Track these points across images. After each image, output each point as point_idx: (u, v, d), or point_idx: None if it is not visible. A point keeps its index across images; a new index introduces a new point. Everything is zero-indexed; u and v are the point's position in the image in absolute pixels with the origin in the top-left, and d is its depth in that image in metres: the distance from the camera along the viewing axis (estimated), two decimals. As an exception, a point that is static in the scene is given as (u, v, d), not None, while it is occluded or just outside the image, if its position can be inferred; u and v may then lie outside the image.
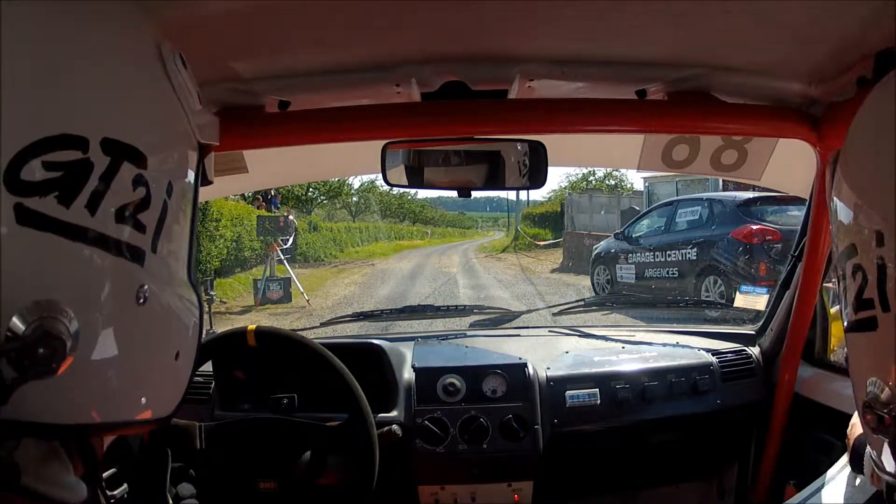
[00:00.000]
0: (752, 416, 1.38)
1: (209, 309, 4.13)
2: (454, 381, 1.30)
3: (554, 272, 11.29)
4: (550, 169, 1.05)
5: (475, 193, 1.12)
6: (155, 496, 1.01)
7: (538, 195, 29.41)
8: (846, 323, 0.54)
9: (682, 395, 1.34)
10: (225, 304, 7.73)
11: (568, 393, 1.31)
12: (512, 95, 1.00)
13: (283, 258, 8.21)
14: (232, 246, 9.17)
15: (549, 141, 1.04)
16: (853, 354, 0.54)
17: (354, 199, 23.93)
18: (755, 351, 1.44)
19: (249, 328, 1.07)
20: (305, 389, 1.15)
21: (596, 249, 8.49)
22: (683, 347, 1.46)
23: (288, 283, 7.97)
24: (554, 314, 1.79)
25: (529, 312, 2.01)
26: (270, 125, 1.01)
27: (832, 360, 1.32)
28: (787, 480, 1.29)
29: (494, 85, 0.99)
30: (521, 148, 1.06)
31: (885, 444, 0.50)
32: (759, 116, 1.01)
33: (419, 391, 1.29)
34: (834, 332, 1.33)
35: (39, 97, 0.38)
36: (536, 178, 1.06)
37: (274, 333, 1.08)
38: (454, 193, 1.10)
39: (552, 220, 19.32)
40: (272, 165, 1.37)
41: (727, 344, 1.46)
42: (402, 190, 6.62)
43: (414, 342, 1.45)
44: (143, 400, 0.46)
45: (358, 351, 1.32)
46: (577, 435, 1.31)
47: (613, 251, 7.89)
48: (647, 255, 7.29)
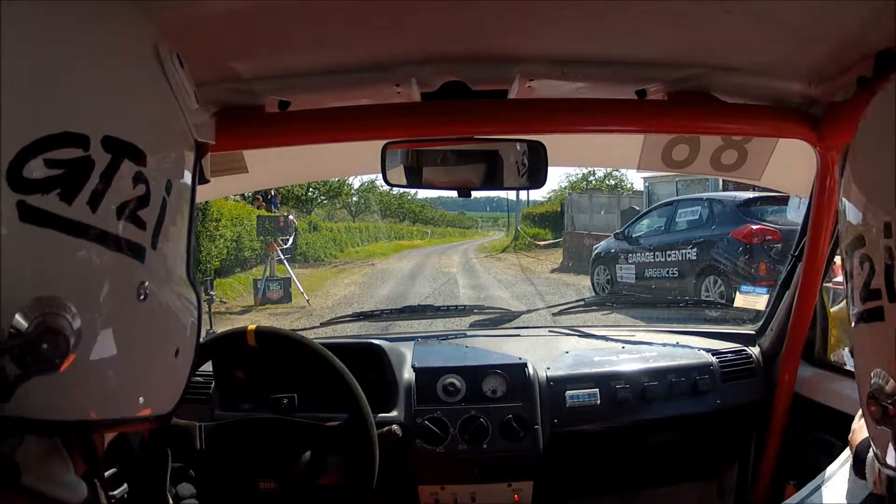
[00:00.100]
0: (752, 416, 1.38)
1: (209, 309, 4.13)
2: (454, 381, 1.30)
3: (554, 272, 11.28)
4: (550, 169, 1.06)
5: (475, 193, 1.12)
6: (155, 496, 1.01)
7: (538, 195, 29.41)
8: (853, 314, 0.54)
9: (682, 395, 1.34)
10: (225, 304, 7.73)
11: (568, 393, 1.31)
12: (512, 95, 1.00)
13: (283, 258, 8.21)
14: (232, 246, 9.17)
15: (549, 141, 1.04)
16: (859, 346, 0.54)
17: (354, 199, 23.94)
18: (755, 351, 1.43)
19: (249, 328, 1.07)
20: (305, 389, 1.15)
21: (596, 249, 8.49)
22: (683, 347, 1.46)
23: (288, 283, 7.97)
24: (554, 314, 1.79)
25: (529, 312, 2.01)
26: (270, 125, 1.01)
27: (832, 360, 1.32)
28: (787, 480, 1.29)
29: (494, 85, 0.99)
30: (520, 148, 1.06)
31: (888, 436, 0.50)
32: (759, 116, 1.01)
33: (419, 391, 1.29)
34: (834, 332, 1.33)
35: (41, 96, 0.38)
36: (536, 177, 1.06)
37: (274, 333, 1.08)
38: (454, 193, 1.10)
39: (552, 220, 19.32)
40: (272, 165, 1.37)
41: (727, 344, 1.46)
42: (401, 190, 6.62)
43: (414, 342, 1.45)
44: (143, 397, 0.46)
45: (358, 351, 1.32)
46: (577, 435, 1.31)
47: (613, 251, 7.89)
48: (647, 255, 7.29)
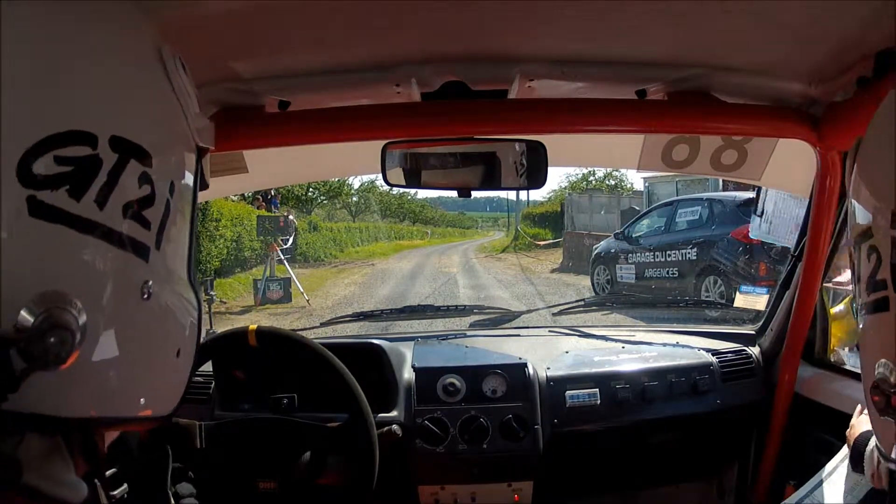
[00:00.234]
0: (752, 416, 1.38)
1: (209, 309, 4.13)
2: (454, 381, 1.30)
3: (554, 272, 11.28)
4: (550, 169, 1.06)
5: (475, 193, 1.12)
6: (155, 496, 1.01)
7: (538, 195, 29.39)
8: (859, 305, 0.54)
9: (682, 395, 1.34)
10: (225, 304, 7.73)
11: (568, 393, 1.31)
12: (512, 95, 1.00)
13: (283, 258, 8.21)
14: (232, 246, 9.17)
15: (549, 141, 1.04)
16: (864, 337, 0.54)
17: (354, 199, 23.93)
18: (755, 351, 1.43)
19: (251, 328, 1.07)
20: (305, 389, 1.15)
21: (596, 249, 8.50)
22: (683, 347, 1.46)
23: (288, 283, 7.97)
24: (554, 314, 1.79)
25: (529, 312, 2.01)
26: (270, 125, 1.01)
27: (832, 360, 1.32)
28: (787, 480, 1.29)
29: (494, 85, 0.99)
30: (520, 148, 1.06)
31: (891, 426, 0.50)
32: (759, 116, 1.01)
33: (419, 391, 1.29)
34: (834, 332, 1.33)
35: (50, 95, 0.39)
36: (536, 177, 1.06)
37: (275, 333, 1.08)
38: (454, 193, 1.10)
39: (552, 220, 19.31)
40: (272, 165, 1.37)
41: (727, 344, 1.46)
42: (401, 190, 6.61)
43: (414, 342, 1.45)
44: (145, 396, 0.46)
45: (358, 351, 1.32)
46: (577, 435, 1.31)
47: (613, 251, 7.89)
48: (647, 255, 7.30)
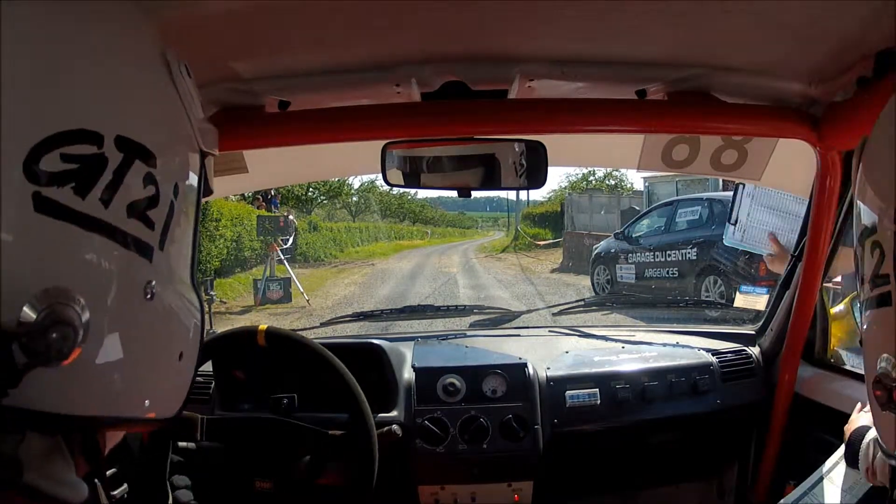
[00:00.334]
0: (752, 416, 1.38)
1: (209, 309, 4.14)
2: (454, 381, 1.30)
3: (554, 272, 11.29)
4: (550, 169, 1.06)
5: (475, 193, 1.12)
6: (155, 495, 1.01)
7: (538, 195, 29.43)
8: (863, 301, 0.54)
9: (682, 395, 1.33)
10: (225, 304, 7.73)
11: (568, 393, 1.31)
12: (512, 95, 1.00)
13: (283, 258, 8.21)
14: (232, 246, 9.17)
15: (549, 141, 1.04)
16: (867, 332, 0.55)
17: (354, 199, 23.95)
18: (755, 351, 1.43)
19: (260, 328, 1.07)
20: (305, 389, 1.15)
21: (596, 249, 8.50)
22: (683, 347, 1.45)
23: (288, 283, 7.97)
24: (554, 314, 1.78)
25: (529, 312, 2.01)
26: (270, 125, 1.01)
27: (832, 360, 1.32)
28: (787, 480, 1.29)
29: (494, 85, 0.99)
30: (520, 148, 1.06)
31: (892, 420, 0.50)
32: (759, 116, 1.01)
33: (419, 391, 1.29)
34: (834, 331, 1.33)
35: (55, 94, 0.39)
36: (536, 177, 1.06)
37: (284, 335, 1.08)
38: (454, 193, 1.10)
39: (552, 219, 19.32)
40: (272, 165, 1.37)
41: (727, 344, 1.46)
42: (401, 190, 6.61)
43: (414, 342, 1.45)
44: (147, 397, 0.46)
45: (358, 351, 1.32)
46: (577, 435, 1.31)
47: (613, 251, 7.90)
48: (647, 255, 7.30)
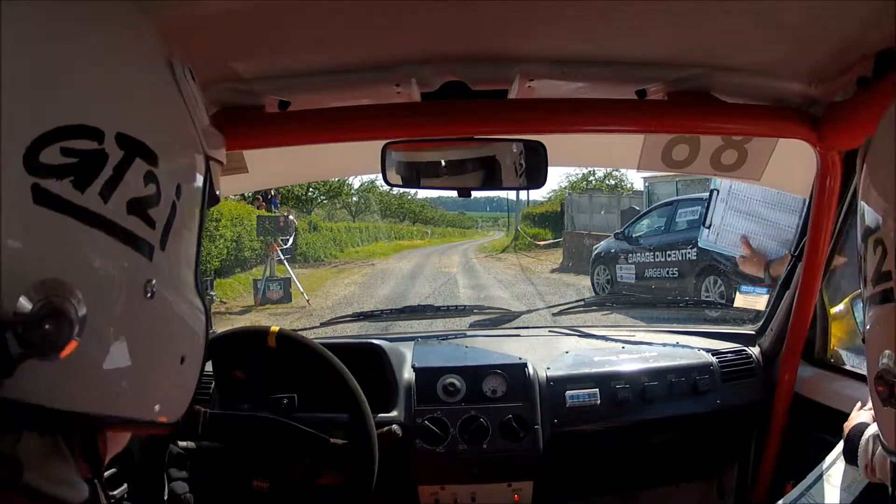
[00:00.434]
0: (752, 416, 1.38)
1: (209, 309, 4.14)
2: (454, 381, 1.30)
3: (554, 272, 11.29)
4: (550, 169, 1.06)
5: (475, 193, 1.12)
6: (154, 494, 1.01)
7: (538, 195, 29.45)
8: (865, 298, 0.54)
9: (682, 395, 1.33)
10: (225, 304, 7.73)
11: (568, 393, 1.31)
12: (512, 95, 1.00)
13: (283, 258, 8.21)
14: (232, 246, 9.17)
15: (549, 141, 1.04)
16: (869, 330, 0.55)
17: (354, 199, 23.94)
18: (755, 351, 1.43)
19: (272, 329, 1.08)
20: (305, 389, 1.15)
21: (596, 249, 8.50)
22: (683, 347, 1.46)
23: (288, 283, 7.97)
24: (554, 314, 1.78)
25: (529, 312, 2.01)
26: (270, 125, 1.01)
27: (832, 360, 1.32)
28: (786, 480, 1.29)
29: (494, 85, 0.99)
30: (520, 148, 1.05)
31: (894, 417, 0.50)
32: (759, 116, 1.01)
33: (419, 391, 1.29)
34: (834, 331, 1.33)
35: (55, 91, 0.40)
36: (536, 177, 1.06)
37: (294, 339, 1.09)
38: (454, 193, 1.10)
39: (552, 219, 19.32)
40: (272, 165, 1.37)
41: (727, 344, 1.46)
42: (401, 190, 6.61)
43: (414, 342, 1.45)
44: (147, 398, 0.46)
45: (358, 351, 1.32)
46: (577, 435, 1.31)
47: (613, 251, 7.90)
48: (647, 255, 7.30)
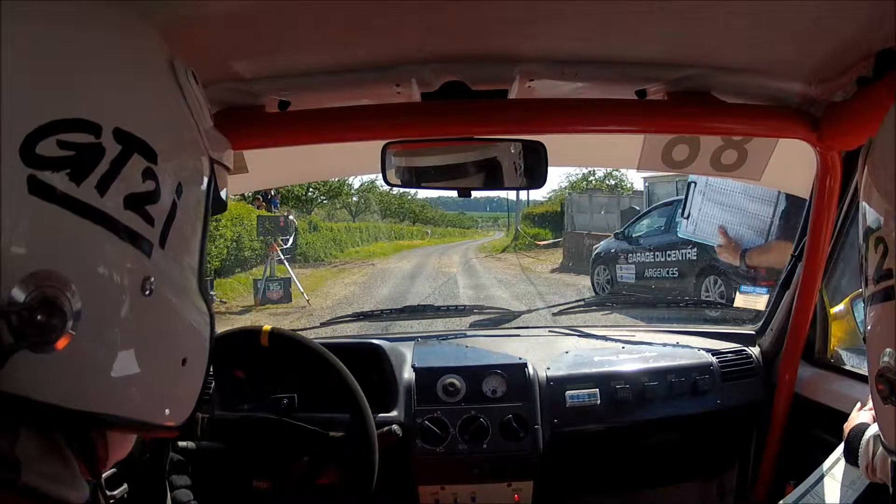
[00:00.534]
0: (752, 416, 1.38)
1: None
2: (454, 381, 1.30)
3: (554, 272, 11.30)
4: (550, 169, 1.05)
5: (475, 193, 1.12)
6: (154, 495, 1.01)
7: (538, 195, 29.52)
8: (866, 297, 0.54)
9: (681, 395, 1.33)
10: (225, 304, 7.74)
11: (568, 393, 1.31)
12: (512, 95, 1.00)
13: (283, 258, 8.21)
14: (232, 246, 9.17)
15: (549, 141, 1.04)
16: (870, 328, 0.55)
17: (354, 199, 23.97)
18: (755, 351, 1.43)
19: (265, 328, 1.07)
20: (306, 389, 1.15)
21: (596, 249, 8.50)
22: (683, 347, 1.45)
23: (288, 283, 7.97)
24: (554, 314, 1.78)
25: (529, 312, 2.01)
26: (270, 125, 1.01)
27: (832, 360, 1.32)
28: (787, 480, 1.29)
29: (494, 85, 0.99)
30: (520, 148, 1.05)
31: (895, 415, 0.50)
32: (759, 116, 1.01)
33: (419, 391, 1.29)
34: (834, 331, 1.33)
35: (54, 85, 0.40)
36: (536, 177, 1.06)
37: (287, 336, 1.08)
38: (454, 193, 1.10)
39: (552, 219, 19.34)
40: (272, 165, 1.37)
41: (727, 344, 1.46)
42: (401, 190, 6.61)
43: (414, 342, 1.45)
44: (146, 399, 0.45)
45: (358, 351, 1.32)
46: (577, 435, 1.31)
47: (613, 251, 7.90)
48: (647, 254, 7.30)
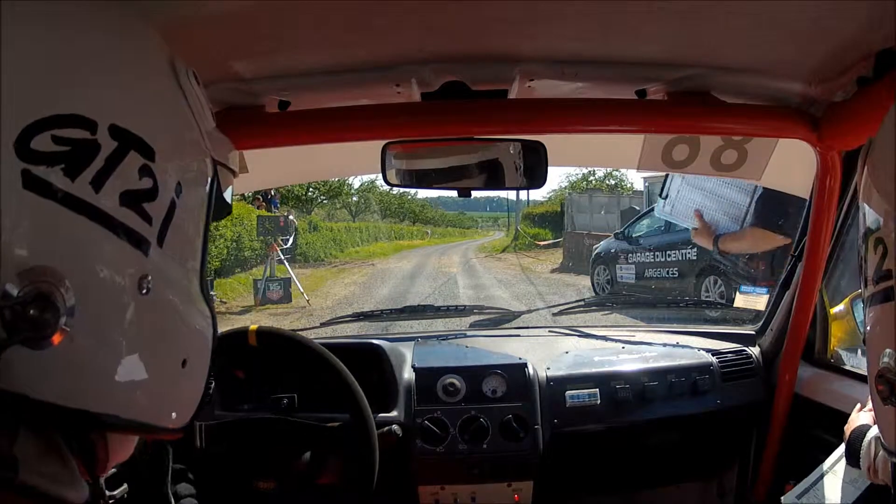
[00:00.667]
0: (752, 416, 1.38)
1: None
2: (454, 381, 1.30)
3: (554, 272, 11.30)
4: (550, 169, 1.05)
5: (475, 193, 1.12)
6: (155, 496, 1.01)
7: (538, 195, 29.54)
8: (866, 298, 0.54)
9: (681, 395, 1.34)
10: (225, 304, 7.73)
11: (568, 393, 1.31)
12: (512, 95, 1.00)
13: (283, 258, 8.21)
14: (232, 246, 9.17)
15: (549, 141, 1.04)
16: (870, 329, 0.55)
17: (354, 199, 23.98)
18: (755, 351, 1.43)
19: (251, 328, 1.07)
20: (306, 389, 1.15)
21: (596, 249, 8.51)
22: (683, 347, 1.46)
23: (288, 283, 7.97)
24: (554, 314, 1.78)
25: (529, 312, 2.01)
26: (270, 125, 1.01)
27: (832, 360, 1.32)
28: (787, 480, 1.29)
29: (494, 85, 0.99)
30: (520, 148, 1.05)
31: (894, 416, 0.50)
32: (759, 116, 1.01)
33: (419, 391, 1.29)
34: (834, 332, 1.33)
35: (51, 81, 0.40)
36: (536, 177, 1.06)
37: (275, 333, 1.08)
38: (454, 193, 1.10)
39: (552, 219, 19.35)
40: (272, 165, 1.37)
41: (727, 344, 1.46)
42: (401, 190, 6.62)
43: (414, 342, 1.45)
44: (145, 399, 0.45)
45: (358, 351, 1.32)
46: (577, 435, 1.31)
47: (613, 251, 7.90)
48: (647, 255, 7.30)
